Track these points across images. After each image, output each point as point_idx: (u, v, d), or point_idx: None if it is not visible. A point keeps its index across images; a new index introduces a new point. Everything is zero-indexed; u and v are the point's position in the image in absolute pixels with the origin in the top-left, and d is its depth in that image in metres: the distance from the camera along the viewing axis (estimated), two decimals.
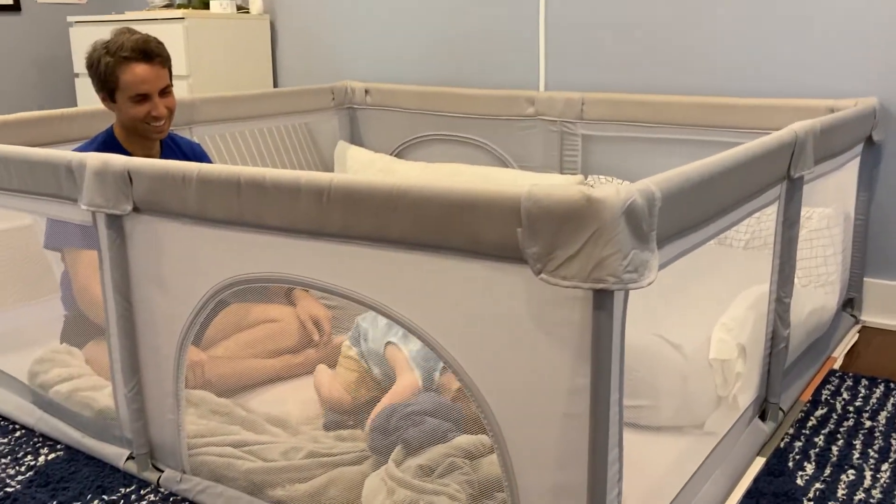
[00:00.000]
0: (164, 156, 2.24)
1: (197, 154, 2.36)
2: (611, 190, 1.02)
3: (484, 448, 1.55)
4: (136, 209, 1.59)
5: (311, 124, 3.53)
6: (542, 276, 1.08)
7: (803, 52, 2.64)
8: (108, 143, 2.14)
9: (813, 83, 2.65)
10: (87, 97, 3.73)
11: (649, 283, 1.07)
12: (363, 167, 3.52)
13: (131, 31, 2.11)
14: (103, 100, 2.11)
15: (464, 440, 1.57)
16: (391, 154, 3.56)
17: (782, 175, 1.71)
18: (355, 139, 3.67)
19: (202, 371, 1.99)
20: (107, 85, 2.07)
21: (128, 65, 2.05)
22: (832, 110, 2.55)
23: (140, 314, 1.67)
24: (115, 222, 1.62)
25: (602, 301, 1.06)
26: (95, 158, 1.60)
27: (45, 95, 4.17)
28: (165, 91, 2.13)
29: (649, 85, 2.94)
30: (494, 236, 1.13)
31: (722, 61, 2.79)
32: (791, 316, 1.89)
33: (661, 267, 1.17)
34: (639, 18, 2.92)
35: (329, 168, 3.61)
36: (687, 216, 1.25)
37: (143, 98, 2.08)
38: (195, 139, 3.03)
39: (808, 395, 2.09)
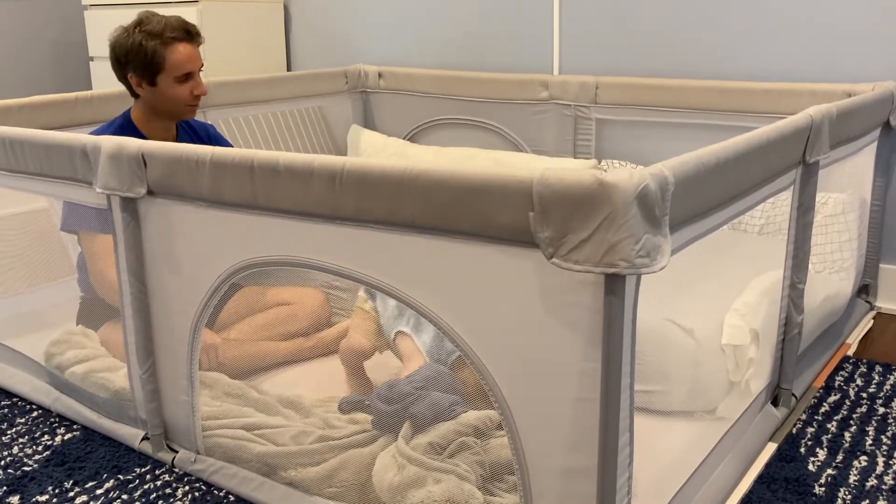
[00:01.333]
0: (180, 139, 2.25)
1: (212, 135, 2.37)
2: (623, 174, 1.02)
3: (492, 423, 1.55)
4: (150, 192, 1.60)
5: (325, 108, 3.53)
6: (554, 260, 1.08)
7: (821, 36, 2.61)
8: (125, 127, 2.15)
9: (830, 67, 2.62)
10: (102, 80, 3.74)
11: (661, 268, 1.07)
12: (376, 151, 3.52)
13: (158, 14, 2.12)
14: (137, 85, 2.09)
15: (472, 416, 1.58)
16: (404, 138, 3.55)
17: (797, 160, 1.70)
18: (368, 123, 3.66)
19: (216, 354, 2.01)
20: (151, 68, 2.06)
21: (174, 45, 2.07)
22: (849, 95, 2.52)
23: (154, 297, 1.69)
24: (129, 205, 1.63)
25: (614, 286, 1.06)
26: (110, 142, 1.61)
27: (60, 79, 4.18)
28: (200, 70, 2.16)
29: (664, 69, 2.92)
30: (506, 220, 1.13)
31: (738, 45, 2.76)
32: (805, 302, 1.89)
33: (674, 252, 1.17)
34: (654, 2, 2.89)
35: (342, 152, 3.61)
36: (700, 201, 1.25)
37: (187, 77, 2.10)
38: (209, 122, 3.04)
39: (821, 382, 2.09)
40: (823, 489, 1.61)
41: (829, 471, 1.67)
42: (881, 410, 1.92)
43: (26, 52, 4.07)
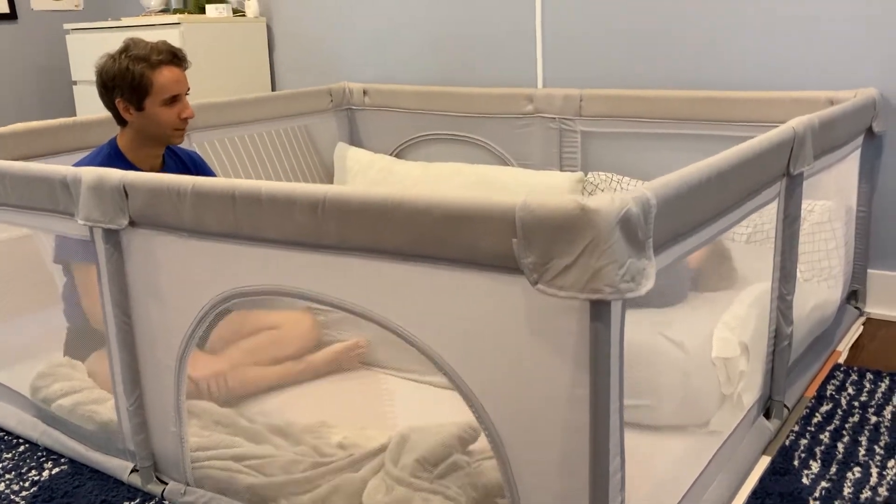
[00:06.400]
0: (166, 166, 2.24)
1: (197, 163, 2.36)
2: (605, 199, 1.02)
3: (475, 433, 1.56)
4: (132, 223, 1.59)
5: (310, 126, 3.52)
6: (539, 286, 1.07)
7: (802, 44, 2.62)
8: (112, 155, 2.13)
9: (812, 75, 2.63)
10: (86, 104, 3.73)
11: (646, 291, 1.06)
12: (363, 168, 3.51)
13: (143, 40, 2.12)
14: (124, 110, 2.08)
15: (454, 428, 1.58)
16: (391, 154, 3.55)
17: (781, 172, 1.70)
18: (354, 140, 3.66)
19: (225, 381, 2.00)
20: (138, 92, 2.06)
21: (161, 68, 2.07)
22: (832, 102, 2.53)
23: (139, 328, 1.67)
24: (111, 237, 1.62)
25: (599, 311, 1.05)
26: (91, 173, 1.59)
27: (43, 103, 4.17)
28: (186, 93, 2.16)
29: (648, 80, 2.93)
30: (490, 247, 1.12)
31: (720, 55, 2.77)
32: (794, 312, 1.88)
33: (659, 272, 1.16)
34: (636, 13, 2.90)
35: (329, 170, 3.60)
36: (684, 220, 1.24)
37: (174, 100, 2.09)
38: (193, 146, 3.03)
39: (812, 391, 2.08)
40: (818, 503, 1.60)
41: (824, 483, 1.67)
42: (873, 419, 1.92)
43: (9, 77, 4.05)
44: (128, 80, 2.04)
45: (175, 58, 2.10)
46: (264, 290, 1.43)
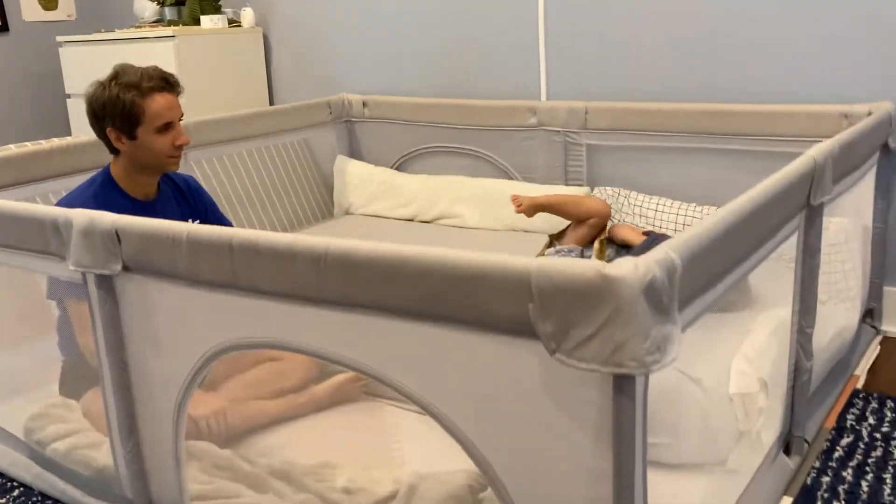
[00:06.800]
0: (161, 193, 2.17)
1: (192, 189, 2.29)
2: (628, 267, 0.95)
3: (485, 482, 1.50)
4: (126, 268, 1.52)
5: (310, 140, 3.45)
6: (558, 356, 1.01)
7: (813, 57, 2.55)
8: (105, 185, 2.06)
9: (823, 88, 2.56)
10: (80, 118, 3.65)
11: (673, 360, 1.00)
12: (363, 181, 3.45)
13: (134, 66, 2.05)
14: (116, 139, 2.01)
15: (463, 477, 1.52)
16: (391, 167, 3.48)
17: (802, 205, 1.63)
18: (354, 153, 3.59)
19: (225, 418, 1.94)
20: (129, 120, 1.98)
21: (152, 95, 2.00)
22: (845, 116, 2.46)
23: (136, 374, 1.61)
24: (104, 282, 1.55)
25: (623, 384, 0.98)
26: (82, 216, 1.52)
27: (36, 117, 4.09)
28: (180, 120, 2.08)
29: (655, 92, 2.85)
30: (504, 310, 1.05)
31: (729, 67, 2.70)
32: (813, 343, 1.82)
33: (684, 329, 1.10)
34: (642, 24, 2.83)
35: (329, 183, 3.53)
36: (708, 273, 1.18)
37: (167, 127, 2.02)
38: (191, 164, 2.96)
39: (832, 422, 2.02)
40: None
41: None
42: None
43: (1, 90, 3.98)
44: (118, 109, 1.97)
45: (167, 84, 2.03)
46: (264, 343, 1.36)
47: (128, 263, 1.51)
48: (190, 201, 2.26)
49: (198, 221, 2.27)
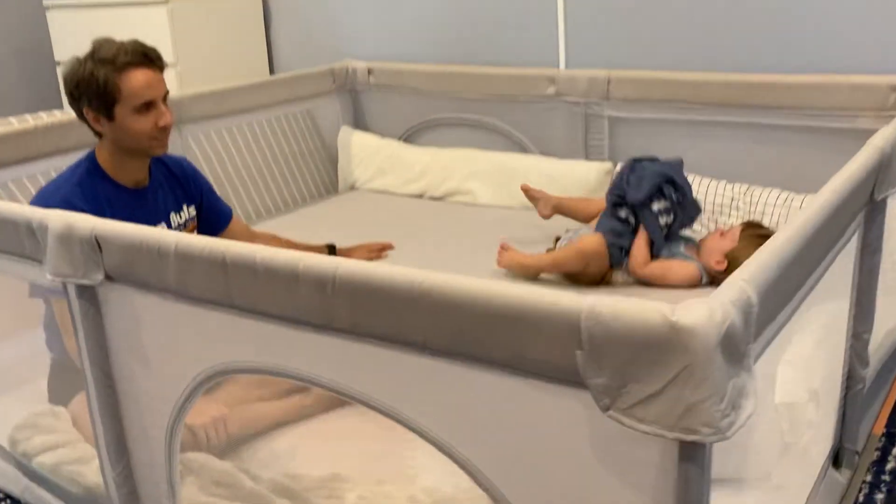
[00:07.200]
0: (153, 179, 2.00)
1: (187, 172, 2.11)
2: (702, 313, 0.78)
3: None
4: (108, 277, 1.36)
5: (312, 110, 3.26)
6: (611, 413, 0.85)
7: (857, 21, 2.35)
8: (92, 172, 1.89)
9: (869, 56, 2.36)
10: None
11: (749, 417, 0.84)
12: (369, 154, 3.27)
13: (113, 40, 1.86)
14: (94, 121, 1.84)
15: None
16: (399, 139, 3.30)
17: (865, 202, 1.45)
18: (360, 124, 3.40)
19: (225, 426, 1.79)
20: (106, 100, 1.81)
21: (130, 71, 1.81)
22: (895, 88, 2.27)
23: (123, 393, 1.45)
24: (86, 292, 1.39)
25: (692, 451, 0.83)
26: (58, 220, 1.36)
27: (24, 87, 3.89)
28: (165, 98, 1.90)
29: (683, 61, 2.65)
30: (545, 355, 0.89)
31: (765, 33, 2.49)
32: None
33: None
34: None
35: (333, 156, 3.35)
36: (779, 301, 1.01)
37: (148, 106, 1.84)
38: (188, 140, 2.78)
39: (881, 427, 1.87)
40: None
41: None
42: None
43: None
44: (93, 87, 1.79)
45: (146, 58, 1.84)
46: (265, 369, 1.21)
47: (111, 273, 1.35)
48: (184, 186, 2.09)
49: (193, 207, 2.10)
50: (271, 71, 3.58)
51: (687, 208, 2.21)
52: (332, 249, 2.40)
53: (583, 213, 2.42)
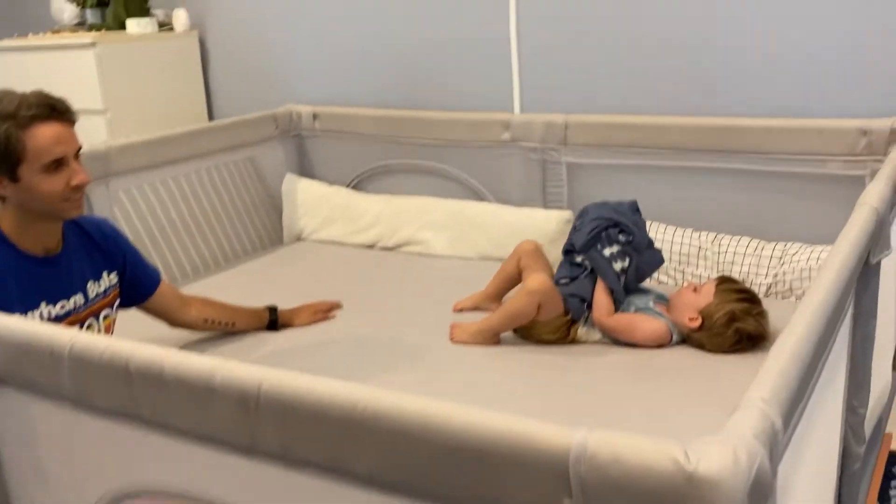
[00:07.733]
0: (66, 245, 1.78)
1: (107, 235, 1.90)
2: (726, 459, 0.61)
3: None
4: None
5: (255, 158, 3.06)
6: None
7: (825, 65, 2.26)
8: None
9: (837, 101, 2.27)
10: None
11: None
12: (316, 203, 3.08)
13: (14, 92, 1.66)
14: None
15: None
16: (348, 187, 3.12)
17: (860, 267, 1.31)
18: (305, 171, 3.21)
19: None
20: (8, 159, 1.60)
21: (35, 126, 1.61)
22: (864, 132, 2.18)
23: None
24: None
25: None
26: None
27: None
28: (77, 155, 1.69)
29: (644, 105, 2.54)
30: (525, 501, 0.71)
31: (730, 76, 2.39)
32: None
33: None
34: (628, 28, 2.51)
35: (278, 205, 3.15)
36: (796, 402, 0.85)
37: (58, 164, 1.63)
38: (120, 194, 2.56)
39: (874, 498, 1.73)
40: None
41: None
42: None
43: None
44: None
45: (53, 111, 1.63)
46: (179, 493, 1.00)
47: (0, 375, 1.13)
48: (103, 250, 1.87)
49: (115, 273, 1.89)
50: (210, 117, 3.38)
51: (642, 252, 2.09)
52: (272, 312, 2.20)
53: (514, 278, 2.24)
